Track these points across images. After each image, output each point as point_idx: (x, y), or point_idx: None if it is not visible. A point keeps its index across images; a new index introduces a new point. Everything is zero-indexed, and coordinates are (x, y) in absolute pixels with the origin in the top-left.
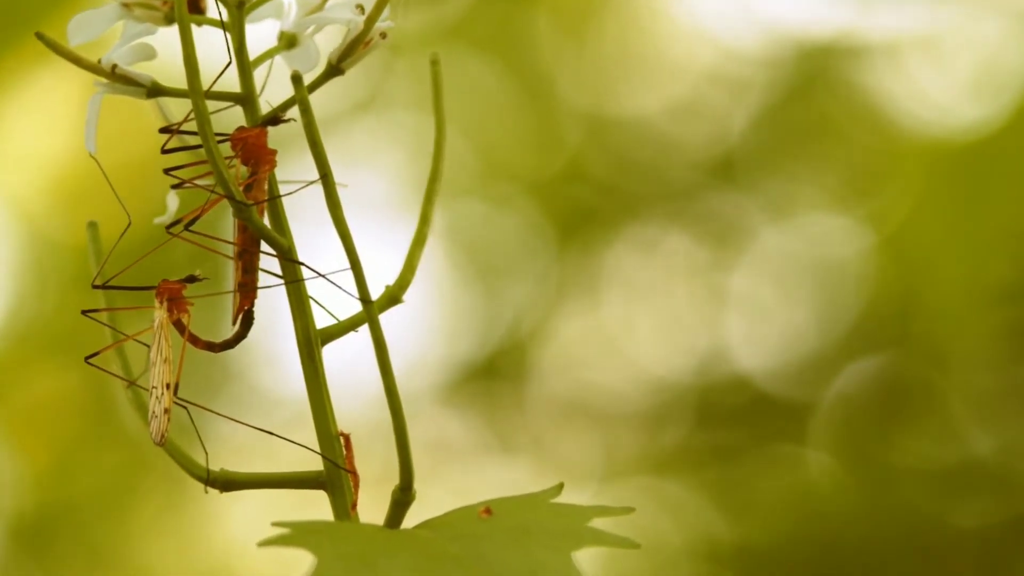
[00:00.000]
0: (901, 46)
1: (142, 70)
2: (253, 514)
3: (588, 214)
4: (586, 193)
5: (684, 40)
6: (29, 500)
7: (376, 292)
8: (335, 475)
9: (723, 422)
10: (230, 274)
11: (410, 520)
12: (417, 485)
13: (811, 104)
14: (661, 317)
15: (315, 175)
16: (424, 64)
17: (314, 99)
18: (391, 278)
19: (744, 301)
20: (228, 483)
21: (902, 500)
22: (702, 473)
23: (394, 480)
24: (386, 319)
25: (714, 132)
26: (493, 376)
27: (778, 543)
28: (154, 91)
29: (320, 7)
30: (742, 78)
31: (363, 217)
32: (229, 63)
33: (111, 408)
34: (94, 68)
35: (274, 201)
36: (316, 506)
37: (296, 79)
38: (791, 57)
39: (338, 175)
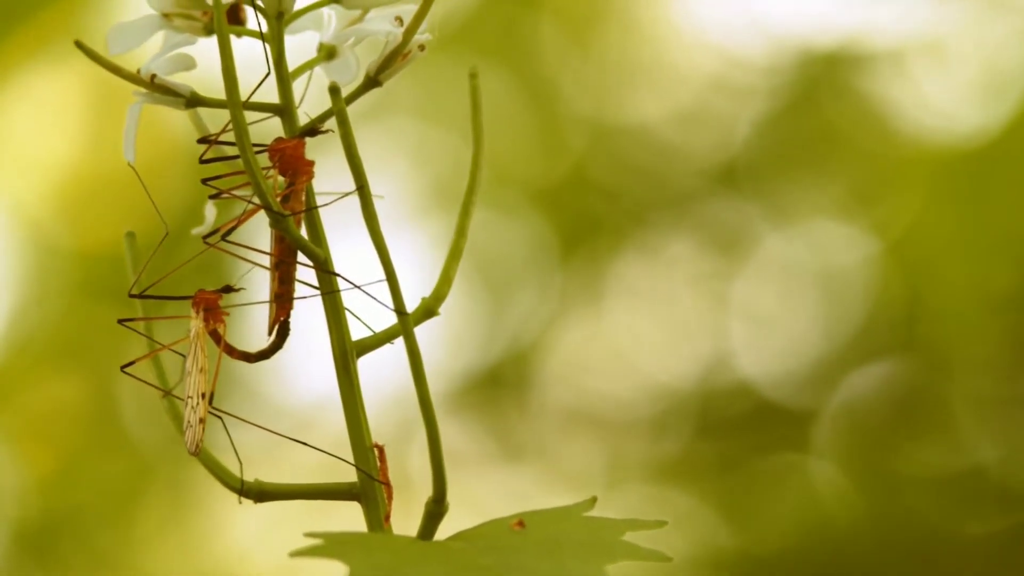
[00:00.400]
0: (905, 53)
1: (180, 80)
2: (253, 519)
3: (592, 221)
4: (590, 200)
5: (688, 47)
6: (33, 506)
7: (411, 304)
8: (369, 486)
9: (727, 430)
10: (266, 285)
11: (440, 531)
12: (420, 494)
13: (815, 111)
14: (665, 325)
15: (350, 186)
16: (428, 72)
17: (351, 110)
18: (416, 289)
19: (748, 308)
20: (262, 494)
21: (907, 508)
22: (706, 481)
23: (417, 491)
24: (419, 332)
25: (718, 139)
26: (497, 384)
27: (782, 551)
28: (193, 101)
29: (359, 19)
30: (746, 85)
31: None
32: (268, 74)
33: (114, 415)
34: (133, 78)
35: (311, 212)
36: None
37: (334, 90)
38: (795, 64)
39: (374, 187)
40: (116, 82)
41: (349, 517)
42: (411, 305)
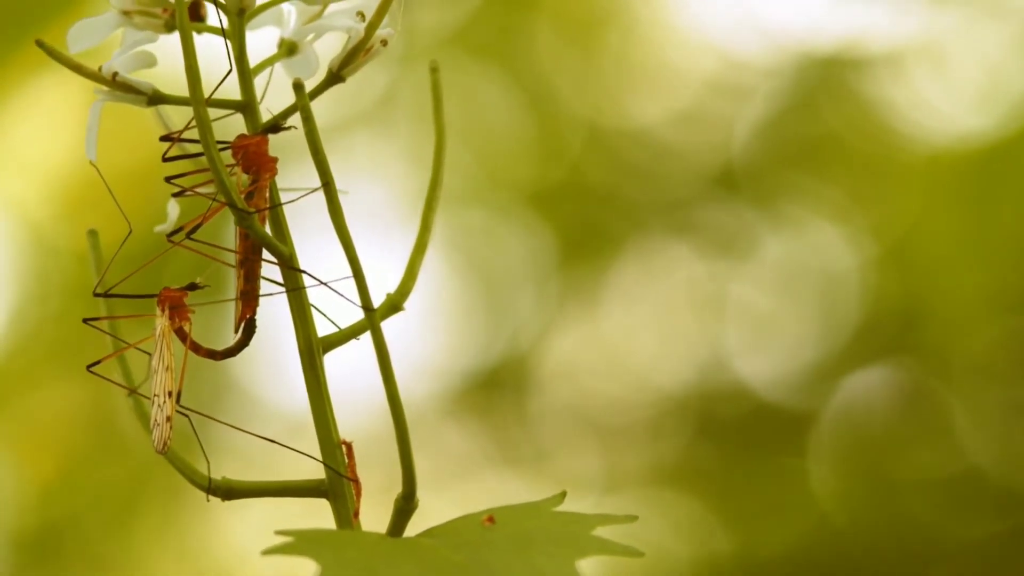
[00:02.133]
0: (904, 55)
1: (142, 77)
2: (254, 523)
3: (590, 224)
4: (588, 203)
5: (686, 49)
6: (32, 511)
7: (377, 300)
8: (337, 483)
9: (725, 433)
10: (232, 282)
11: (412, 528)
12: (417, 494)
13: (814, 113)
14: (663, 327)
15: (316, 182)
16: (425, 72)
17: (314, 107)
18: (391, 286)
19: (746, 311)
20: (230, 492)
21: (905, 511)
22: (704, 484)
23: (394, 488)
24: (386, 328)
25: (717, 142)
26: (494, 386)
27: (780, 553)
28: (155, 99)
29: (320, 15)
30: (745, 87)
31: (363, 225)
32: (230, 71)
33: (113, 418)
34: (95, 76)
35: (275, 209)
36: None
37: (298, 87)
38: (794, 66)
39: (338, 183)
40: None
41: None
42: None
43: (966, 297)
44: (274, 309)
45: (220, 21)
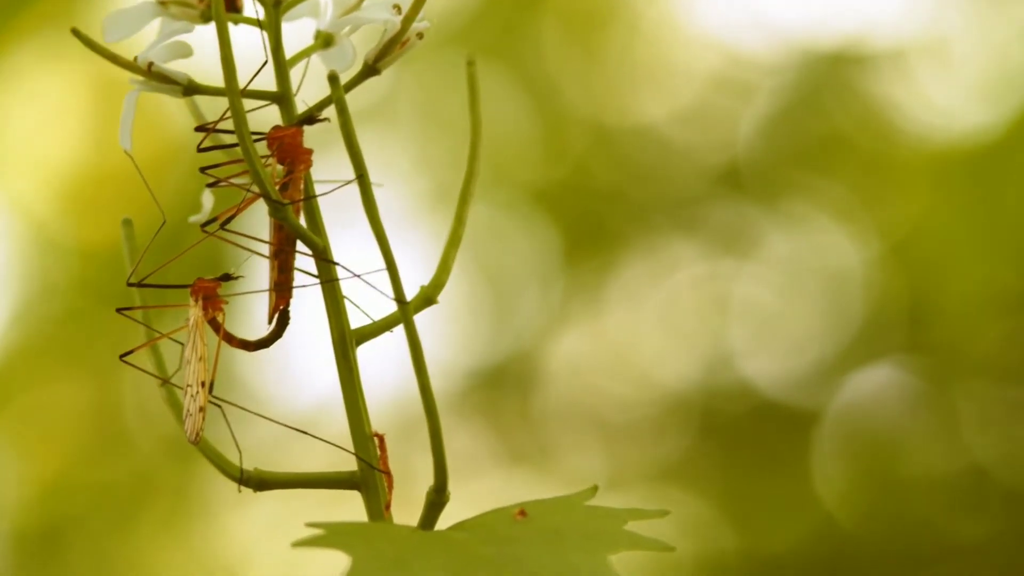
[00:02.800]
0: (909, 52)
1: (177, 67)
2: (258, 523)
3: (595, 222)
4: (592, 200)
5: (691, 47)
6: (35, 509)
7: (410, 292)
8: (369, 475)
9: (730, 431)
10: (265, 273)
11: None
12: (422, 485)
13: (819, 111)
14: (668, 326)
15: (349, 174)
16: (428, 71)
17: (349, 99)
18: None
19: (750, 309)
20: (262, 482)
21: (908, 509)
22: (708, 482)
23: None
24: (419, 320)
25: (722, 139)
26: (499, 384)
27: (784, 552)
28: (190, 89)
29: (357, 6)
30: (749, 85)
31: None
32: (265, 62)
33: (116, 417)
34: (130, 66)
35: (310, 200)
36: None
37: (333, 79)
38: (799, 64)
39: (375, 179)
40: (116, 76)
41: (342, 515)
42: (411, 295)
43: (971, 296)
44: (305, 301)
45: (256, 12)
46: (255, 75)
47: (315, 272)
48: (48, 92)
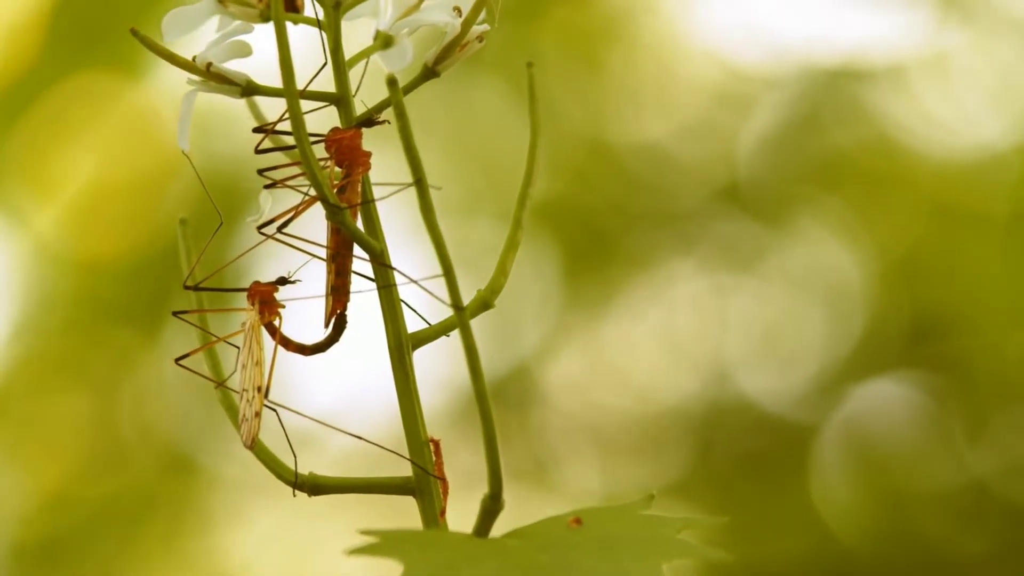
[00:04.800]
0: (910, 68)
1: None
2: (254, 537)
3: (594, 236)
4: (592, 215)
5: (691, 61)
6: (35, 523)
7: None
8: (424, 481)
9: (728, 446)
10: (321, 277)
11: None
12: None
13: (818, 126)
14: (667, 340)
15: (405, 176)
16: (431, 87)
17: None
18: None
19: (750, 324)
20: (317, 487)
21: (909, 524)
22: (708, 497)
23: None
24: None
25: (721, 154)
26: (498, 398)
27: (783, 567)
28: (248, 90)
29: (416, 8)
30: (749, 100)
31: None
32: (325, 64)
33: (117, 430)
34: (188, 66)
35: (367, 204)
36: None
37: (392, 82)
38: (798, 79)
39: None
40: (119, 94)
41: (346, 525)
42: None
43: (971, 310)
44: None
45: (316, 12)
46: (314, 77)
47: (372, 276)
48: (53, 108)
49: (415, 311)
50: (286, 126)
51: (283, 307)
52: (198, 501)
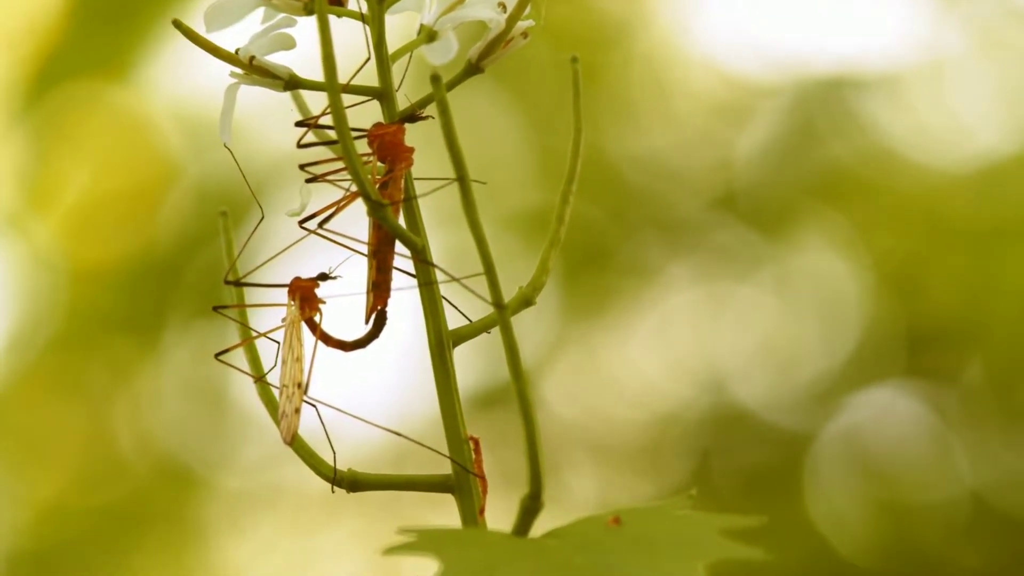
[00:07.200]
0: (906, 78)
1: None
2: (250, 546)
3: (592, 245)
4: (589, 224)
5: (688, 71)
6: (30, 534)
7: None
8: (464, 479)
9: (724, 455)
10: (364, 273)
11: None
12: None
13: (815, 136)
14: (664, 349)
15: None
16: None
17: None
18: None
19: (747, 333)
20: (355, 483)
21: (904, 535)
22: (703, 505)
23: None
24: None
25: (718, 164)
26: (494, 407)
27: None
28: (291, 84)
29: (461, 2)
30: (746, 110)
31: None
32: (368, 58)
33: (114, 440)
34: (231, 59)
35: (409, 200)
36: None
37: (435, 78)
38: (795, 89)
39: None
40: (115, 102)
41: (338, 538)
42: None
43: (967, 320)
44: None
45: (360, 6)
46: (357, 71)
47: (413, 272)
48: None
49: (456, 308)
50: (328, 121)
51: (324, 303)
52: (195, 512)
